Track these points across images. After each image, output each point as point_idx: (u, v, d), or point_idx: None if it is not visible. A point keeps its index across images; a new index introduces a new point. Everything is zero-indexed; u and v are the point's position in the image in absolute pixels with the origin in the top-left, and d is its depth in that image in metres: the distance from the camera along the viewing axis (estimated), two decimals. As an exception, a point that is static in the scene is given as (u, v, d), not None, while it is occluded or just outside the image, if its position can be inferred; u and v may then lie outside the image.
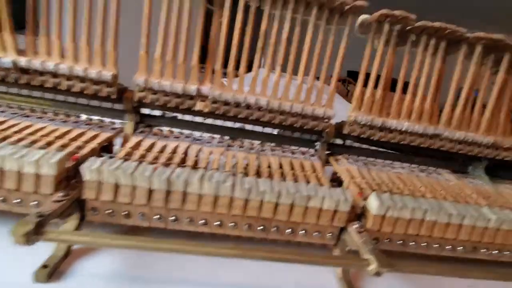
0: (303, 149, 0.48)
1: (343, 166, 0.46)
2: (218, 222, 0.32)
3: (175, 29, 0.38)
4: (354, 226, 0.33)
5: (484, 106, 0.48)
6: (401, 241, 0.36)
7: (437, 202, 0.36)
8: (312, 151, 0.49)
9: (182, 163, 0.36)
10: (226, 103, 0.40)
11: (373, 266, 0.27)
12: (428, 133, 0.46)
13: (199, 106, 0.40)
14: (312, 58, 0.43)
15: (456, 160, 0.55)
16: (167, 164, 0.34)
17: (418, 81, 0.46)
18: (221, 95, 0.40)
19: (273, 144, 0.49)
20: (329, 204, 0.32)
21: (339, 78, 0.46)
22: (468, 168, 0.54)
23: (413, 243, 0.37)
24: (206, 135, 0.47)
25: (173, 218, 0.31)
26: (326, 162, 0.49)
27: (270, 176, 0.37)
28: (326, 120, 0.43)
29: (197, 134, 0.47)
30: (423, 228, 0.35)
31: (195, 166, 0.36)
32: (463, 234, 0.36)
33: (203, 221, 0.32)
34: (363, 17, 0.44)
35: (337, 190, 0.33)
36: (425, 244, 0.37)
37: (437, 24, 0.42)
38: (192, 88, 0.39)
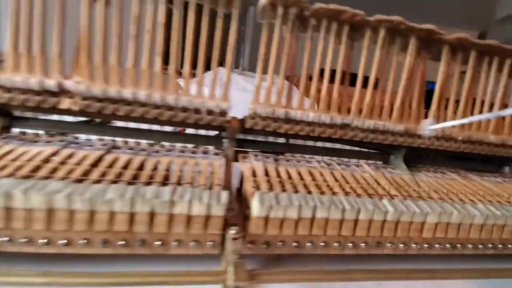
0: (207, 147, 0.44)
1: (250, 163, 0.42)
2: (64, 241, 0.27)
3: (27, 15, 0.33)
4: (231, 232, 0.29)
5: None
6: (296, 243, 0.33)
7: (329, 197, 0.33)
8: (221, 149, 0.45)
9: (34, 171, 0.30)
10: (98, 99, 0.35)
11: (229, 280, 0.23)
12: (337, 123, 0.43)
13: (66, 103, 0.35)
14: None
15: (382, 151, 0.53)
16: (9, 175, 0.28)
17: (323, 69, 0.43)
18: (89, 90, 0.34)
19: (176, 144, 0.45)
20: (199, 209, 0.28)
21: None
22: (390, 157, 0.53)
23: (310, 244, 0.33)
24: (94, 138, 0.42)
25: (6, 238, 0.26)
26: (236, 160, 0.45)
27: (151, 180, 0.32)
28: (222, 114, 0.39)
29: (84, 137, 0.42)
30: (315, 226, 0.32)
31: (50, 175, 0.30)
32: (360, 229, 0.33)
33: (44, 240, 0.26)
34: (262, 1, 0.41)
35: (209, 192, 0.29)
36: (323, 244, 0.34)
37: (332, 6, 0.39)
38: (51, 82, 0.33)
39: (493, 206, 0.39)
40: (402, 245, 0.36)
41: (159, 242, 0.29)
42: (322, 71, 0.43)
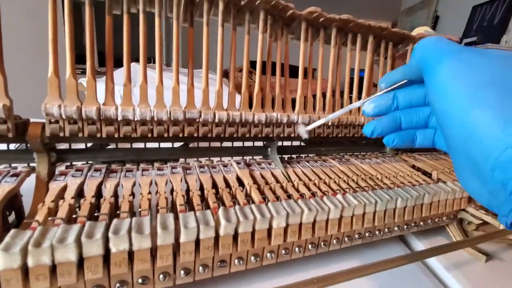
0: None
1: (62, 182, 0.31)
2: None
3: None
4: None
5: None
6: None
7: (137, 220, 0.25)
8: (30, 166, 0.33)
9: None
10: None
11: None
12: (179, 118, 0.35)
13: None
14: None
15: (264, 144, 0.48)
16: None
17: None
18: None
19: None
20: None
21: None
22: (267, 150, 0.47)
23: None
24: None
25: None
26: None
27: None
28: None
29: None
30: (113, 265, 0.24)
31: None
32: (185, 254, 0.26)
33: None
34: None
35: None
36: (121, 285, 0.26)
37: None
38: None
39: (357, 194, 0.36)
40: (253, 258, 0.31)
41: None
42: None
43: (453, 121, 0.20)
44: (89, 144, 0.39)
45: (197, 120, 0.36)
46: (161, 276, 0.26)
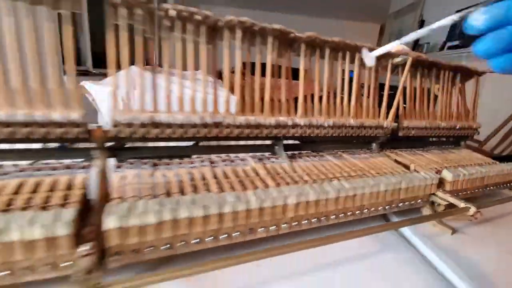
0: (76, 161, 0.42)
1: (121, 172, 0.41)
2: None
3: None
4: (81, 249, 0.28)
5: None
6: (167, 245, 0.34)
7: (191, 197, 0.34)
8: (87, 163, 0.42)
9: None
10: None
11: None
12: (208, 122, 0.44)
13: None
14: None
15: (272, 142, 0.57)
16: None
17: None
18: None
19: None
20: (36, 232, 0.26)
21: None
22: (275, 148, 0.57)
23: (183, 243, 0.34)
24: None
25: None
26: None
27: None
28: (77, 125, 0.37)
29: None
30: (181, 227, 0.33)
31: None
32: (228, 221, 0.35)
33: None
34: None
35: (48, 213, 0.28)
36: (198, 240, 0.35)
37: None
38: None
39: (348, 181, 0.46)
40: (273, 227, 0.40)
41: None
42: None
43: None
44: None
45: (221, 122, 0.46)
46: (224, 235, 0.35)
